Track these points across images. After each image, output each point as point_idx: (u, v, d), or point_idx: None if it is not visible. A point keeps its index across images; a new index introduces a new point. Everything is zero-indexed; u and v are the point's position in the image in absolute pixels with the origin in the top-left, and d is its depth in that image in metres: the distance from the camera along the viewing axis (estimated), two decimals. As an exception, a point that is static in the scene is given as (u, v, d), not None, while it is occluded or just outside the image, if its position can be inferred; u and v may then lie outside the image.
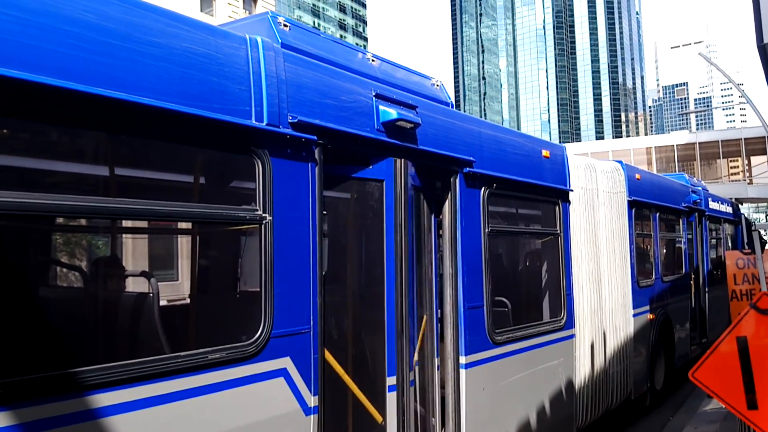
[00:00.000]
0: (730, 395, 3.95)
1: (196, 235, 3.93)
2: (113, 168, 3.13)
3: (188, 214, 3.24)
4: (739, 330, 3.97)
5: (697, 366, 4.05)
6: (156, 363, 2.82)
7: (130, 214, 2.96)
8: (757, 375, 3.89)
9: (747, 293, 7.80)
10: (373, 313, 4.23)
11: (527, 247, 6.62)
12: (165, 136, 3.00)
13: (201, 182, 3.62)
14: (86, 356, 2.86)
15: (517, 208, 6.18)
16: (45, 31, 2.50)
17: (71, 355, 2.76)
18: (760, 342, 3.92)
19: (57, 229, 3.79)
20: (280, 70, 3.53)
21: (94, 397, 2.59)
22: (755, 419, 3.87)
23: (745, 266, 7.87)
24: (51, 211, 2.67)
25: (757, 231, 5.67)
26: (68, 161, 3.01)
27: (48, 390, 2.43)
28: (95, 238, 4.22)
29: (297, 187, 3.56)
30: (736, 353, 3.95)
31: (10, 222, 2.63)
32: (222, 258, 4.06)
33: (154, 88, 2.85)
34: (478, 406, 4.94)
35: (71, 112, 2.60)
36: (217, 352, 3.07)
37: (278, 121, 3.45)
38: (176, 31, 3.04)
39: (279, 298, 3.37)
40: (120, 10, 2.81)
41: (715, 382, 4.00)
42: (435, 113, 4.82)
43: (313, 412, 3.54)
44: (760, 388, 3.87)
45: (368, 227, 4.33)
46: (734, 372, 3.94)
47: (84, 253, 3.89)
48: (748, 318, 3.99)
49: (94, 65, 2.64)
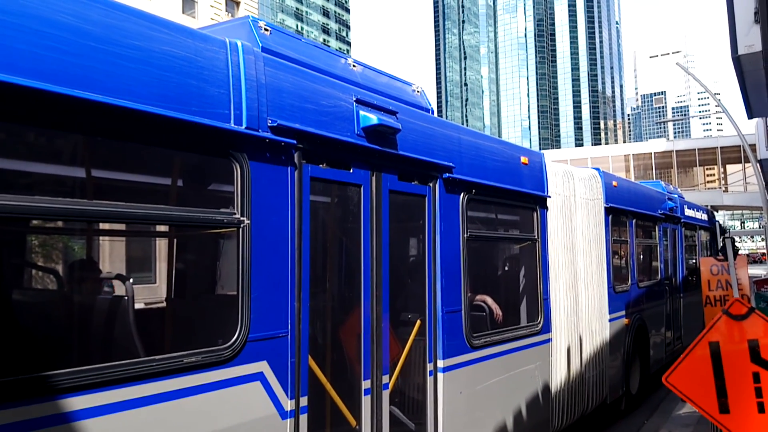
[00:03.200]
0: (702, 399, 3.99)
1: (174, 238, 3.91)
2: (91, 170, 3.12)
3: (166, 217, 3.23)
4: (711, 335, 4.02)
5: (671, 370, 4.09)
6: (131, 366, 2.81)
7: (106, 216, 2.95)
8: (729, 379, 3.95)
9: (721, 299, 7.96)
10: (350, 317, 4.24)
11: (505, 252, 6.67)
12: (143, 138, 2.99)
13: (179, 185, 3.61)
14: (60, 359, 2.84)
15: (496, 213, 6.23)
16: (20, 31, 2.49)
17: (45, 358, 2.74)
18: (732, 347, 3.97)
19: (32, 230, 3.76)
20: (260, 74, 3.53)
21: (69, 400, 2.57)
22: (727, 423, 3.92)
23: (719, 273, 8.02)
24: (27, 213, 2.65)
25: (731, 238, 5.75)
26: (45, 163, 2.99)
27: (22, 393, 2.41)
28: (71, 240, 4.19)
29: (276, 190, 3.57)
30: (708, 358, 4.00)
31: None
32: (199, 261, 4.05)
33: (133, 91, 2.84)
34: (455, 410, 4.96)
35: (47, 114, 2.59)
36: (193, 355, 3.06)
37: (257, 124, 3.46)
38: (155, 34, 3.03)
39: (256, 301, 3.37)
40: (98, 12, 2.80)
41: (688, 387, 4.05)
42: (415, 119, 4.85)
43: (289, 416, 3.54)
44: (731, 392, 3.93)
45: (347, 231, 4.35)
46: (707, 376, 3.99)
47: (59, 256, 3.87)
48: (721, 323, 4.03)
49: (72, 67, 2.63)
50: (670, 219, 11.42)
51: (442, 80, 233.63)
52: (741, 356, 3.95)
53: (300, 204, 3.70)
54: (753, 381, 3.90)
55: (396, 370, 4.54)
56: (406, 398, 4.72)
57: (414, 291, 4.86)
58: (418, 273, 4.90)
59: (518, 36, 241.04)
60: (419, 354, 4.82)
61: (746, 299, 7.77)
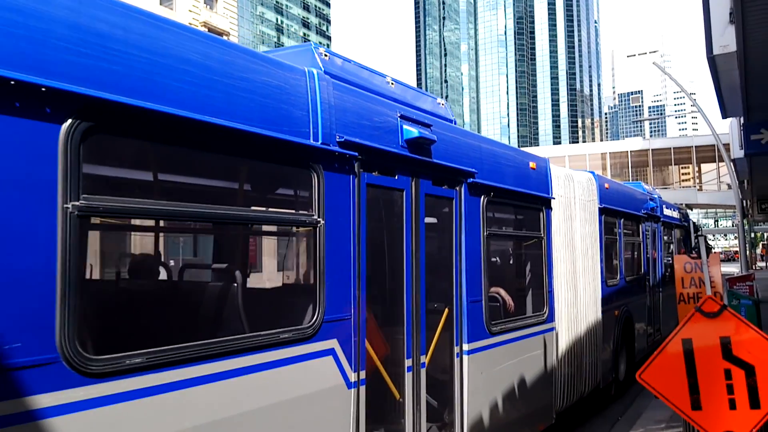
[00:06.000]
0: (675, 396, 4.06)
1: (268, 237, 4.54)
2: (218, 181, 3.75)
3: (265, 218, 3.88)
4: (684, 332, 4.08)
5: (644, 367, 4.16)
6: (242, 339, 3.44)
7: (225, 218, 3.57)
8: (701, 376, 4.00)
9: (694, 296, 8.26)
10: (395, 304, 4.89)
11: (517, 248, 7.37)
12: (249, 153, 3.63)
13: (275, 192, 4.24)
14: (194, 335, 3.45)
15: (509, 214, 6.91)
16: (169, 69, 3.10)
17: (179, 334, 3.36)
18: (704, 344, 4.02)
19: (167, 230, 4.38)
20: (330, 96, 4.16)
21: (199, 366, 3.18)
22: (699, 419, 4.00)
23: (693, 270, 8.36)
24: (170, 216, 3.27)
25: (704, 236, 6.17)
26: (191, 176, 3.62)
27: (170, 362, 3.01)
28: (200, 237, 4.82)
29: (342, 195, 4.20)
30: (681, 355, 4.05)
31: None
32: (287, 254, 4.67)
33: (244, 116, 3.47)
34: (477, 389, 5.64)
35: (185, 136, 3.21)
36: (286, 332, 3.70)
37: (329, 140, 4.09)
38: (257, 67, 3.66)
39: (329, 288, 4.01)
40: (218, 51, 3.42)
41: (661, 383, 4.10)
42: (445, 130, 5.50)
43: (353, 386, 4.18)
44: (703, 389, 3.99)
45: (392, 230, 4.99)
46: (679, 373, 4.04)
47: (188, 249, 4.48)
48: (694, 321, 4.08)
49: (203, 98, 3.25)
50: (652, 218, 12.24)
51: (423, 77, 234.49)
52: (713, 353, 4.00)
53: (359, 206, 4.34)
54: (725, 378, 3.97)
55: (429, 351, 5.20)
56: (437, 376, 5.37)
57: (442, 282, 5.51)
58: (447, 267, 5.55)
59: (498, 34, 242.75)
60: (447, 338, 5.48)
61: (719, 297, 7.98)
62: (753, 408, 3.89)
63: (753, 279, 11.46)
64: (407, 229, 4.92)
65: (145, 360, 2.88)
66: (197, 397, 3.14)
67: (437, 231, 5.50)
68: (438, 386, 5.38)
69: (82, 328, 2.68)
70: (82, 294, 2.76)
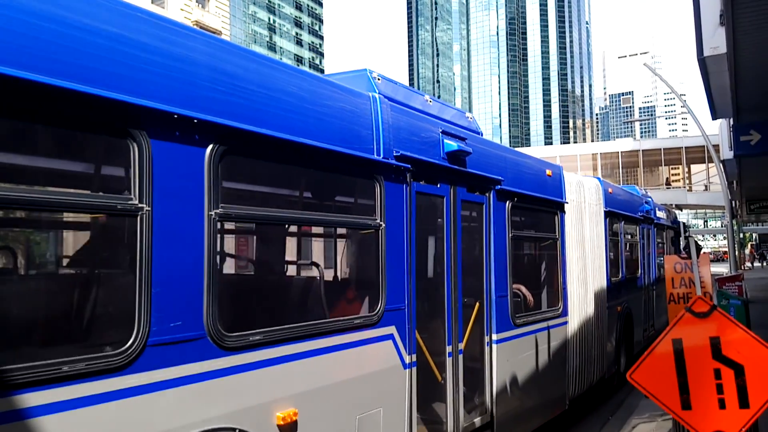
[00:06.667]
0: (665, 396, 4.08)
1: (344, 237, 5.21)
2: (304, 192, 4.42)
3: (341, 222, 4.56)
4: (674, 332, 4.10)
5: (635, 367, 4.17)
6: (325, 323, 4.12)
7: (309, 221, 4.25)
8: (691, 376, 4.03)
9: (684, 296, 8.29)
10: (437, 297, 5.55)
11: (535, 248, 8.04)
12: (330, 168, 4.29)
13: (348, 201, 4.90)
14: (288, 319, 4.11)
15: (529, 217, 7.58)
16: (274, 100, 3.76)
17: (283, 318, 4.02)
18: (694, 344, 4.04)
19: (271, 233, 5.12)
20: (388, 116, 4.82)
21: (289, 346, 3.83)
22: (689, 419, 4.03)
23: (683, 270, 8.39)
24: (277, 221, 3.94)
25: (693, 237, 6.58)
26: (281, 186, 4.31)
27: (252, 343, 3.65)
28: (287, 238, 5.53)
29: (397, 201, 4.85)
30: (671, 355, 4.07)
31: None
32: (356, 253, 5.31)
33: (327, 136, 4.13)
34: (504, 374, 6.31)
35: (287, 155, 3.87)
36: (358, 318, 4.36)
37: (388, 155, 4.74)
38: (337, 96, 4.33)
39: (390, 282, 4.67)
40: (308, 82, 4.09)
41: (652, 383, 4.12)
42: (476, 143, 6.17)
43: (408, 367, 4.84)
44: (693, 388, 4.01)
45: (434, 232, 5.65)
46: (670, 373, 4.06)
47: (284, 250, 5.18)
48: (684, 321, 4.09)
49: (296, 122, 3.90)
50: (647, 220, 12.99)
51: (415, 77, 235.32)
52: (703, 353, 4.02)
53: (410, 211, 4.99)
54: (714, 377, 3.99)
55: (464, 340, 5.86)
56: (469, 362, 6.03)
57: (474, 279, 6.17)
58: (478, 265, 6.22)
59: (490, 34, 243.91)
60: (479, 329, 6.14)
61: (708, 297, 7.68)
62: (742, 407, 3.92)
63: (742, 279, 11.72)
64: (447, 232, 5.58)
65: (262, 337, 3.54)
66: (298, 370, 3.80)
67: (470, 233, 6.15)
68: (471, 371, 6.04)
69: (220, 310, 3.32)
70: (220, 284, 3.41)
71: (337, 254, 5.29)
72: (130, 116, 2.91)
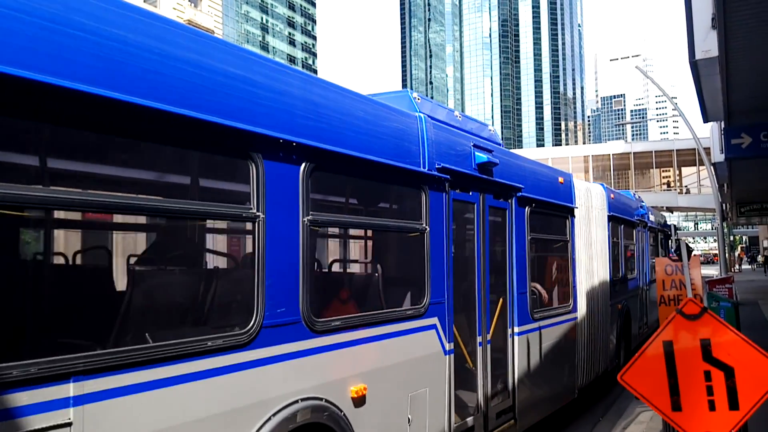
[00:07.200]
0: (655, 397, 4.10)
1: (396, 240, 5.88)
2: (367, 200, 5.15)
3: (396, 227, 5.27)
4: (665, 334, 4.11)
5: (626, 369, 4.20)
6: (381, 313, 4.80)
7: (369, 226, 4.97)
8: (682, 378, 4.04)
9: (674, 298, 8.53)
10: (470, 293, 6.22)
11: (549, 249, 8.74)
12: (387, 180, 4.98)
13: (401, 208, 5.59)
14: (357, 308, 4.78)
15: (544, 221, 8.27)
16: (346, 124, 4.43)
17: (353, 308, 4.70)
18: (684, 346, 4.05)
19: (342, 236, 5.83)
20: (431, 133, 5.50)
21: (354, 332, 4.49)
22: (679, 420, 4.06)
23: (673, 273, 8.63)
24: (349, 225, 4.61)
25: (683, 240, 6.83)
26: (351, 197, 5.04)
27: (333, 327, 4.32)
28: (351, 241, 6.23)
29: (439, 208, 5.53)
30: (662, 357, 4.08)
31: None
32: (406, 252, 5.97)
33: (385, 152, 4.80)
34: (523, 365, 6.99)
35: (355, 170, 4.56)
36: (409, 309, 5.04)
37: (432, 167, 5.42)
38: (390, 116, 5.02)
39: (433, 279, 5.35)
40: (372, 107, 4.78)
41: (642, 385, 4.14)
42: (501, 154, 6.85)
43: (447, 354, 5.52)
44: (683, 390, 4.03)
45: (467, 235, 6.33)
46: (660, 375, 4.08)
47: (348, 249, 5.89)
48: (674, 323, 4.11)
49: (357, 142, 4.57)
50: (642, 223, 13.75)
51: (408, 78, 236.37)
52: (693, 355, 4.03)
53: (448, 216, 5.67)
54: (704, 379, 4.00)
55: (491, 332, 6.54)
56: (493, 353, 6.71)
57: (499, 277, 6.85)
58: (502, 264, 6.90)
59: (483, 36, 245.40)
60: (502, 322, 6.83)
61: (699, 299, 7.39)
62: (732, 409, 3.94)
63: (732, 282, 12.28)
64: (477, 234, 6.26)
65: (341, 323, 4.22)
66: (365, 351, 4.48)
67: (495, 236, 6.84)
68: (495, 360, 6.72)
69: (311, 299, 4.00)
70: (310, 278, 4.08)
71: (390, 254, 5.98)
72: (251, 142, 3.58)
